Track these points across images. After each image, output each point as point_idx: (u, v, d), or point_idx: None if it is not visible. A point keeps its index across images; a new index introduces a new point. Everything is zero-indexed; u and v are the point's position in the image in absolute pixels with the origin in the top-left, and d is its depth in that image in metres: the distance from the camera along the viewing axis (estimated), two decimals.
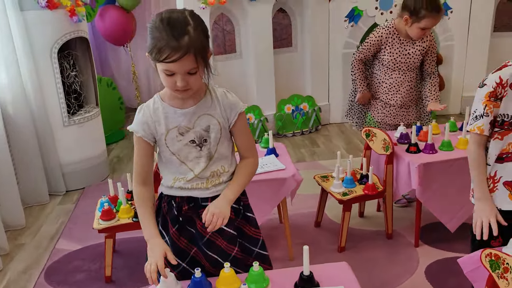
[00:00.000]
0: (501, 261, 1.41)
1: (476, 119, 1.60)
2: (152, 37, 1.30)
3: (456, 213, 2.46)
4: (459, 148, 2.44)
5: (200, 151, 1.45)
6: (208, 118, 1.44)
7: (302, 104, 4.43)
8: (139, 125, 1.44)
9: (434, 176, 2.35)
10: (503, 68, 1.58)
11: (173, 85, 1.33)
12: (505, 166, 1.62)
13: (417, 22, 2.50)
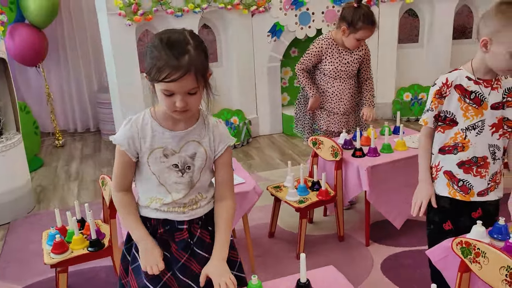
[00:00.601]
0: (472, 247, 1.55)
1: (424, 113, 1.82)
2: (151, 56, 1.26)
3: (400, 210, 2.64)
4: (398, 150, 2.64)
5: (181, 177, 1.41)
6: (196, 145, 1.41)
7: (232, 118, 4.47)
8: (124, 138, 1.38)
9: (381, 177, 2.52)
10: (453, 71, 1.77)
11: (172, 105, 1.29)
12: (446, 157, 1.82)
13: (354, 33, 2.68)
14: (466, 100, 1.74)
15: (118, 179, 1.43)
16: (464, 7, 4.90)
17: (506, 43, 1.57)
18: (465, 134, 1.78)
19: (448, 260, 1.74)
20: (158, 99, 1.32)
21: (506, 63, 1.61)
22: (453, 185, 1.84)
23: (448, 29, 4.78)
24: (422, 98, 4.89)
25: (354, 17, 2.65)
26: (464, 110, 1.76)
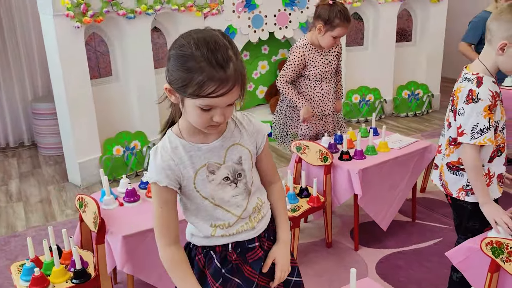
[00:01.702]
0: (504, 247, 1.55)
1: (482, 132, 1.68)
2: (185, 68, 1.06)
3: (387, 212, 2.64)
4: (381, 151, 2.64)
5: (236, 188, 1.25)
6: (238, 149, 1.25)
7: None
8: (161, 172, 1.17)
9: (370, 180, 2.49)
10: (481, 81, 1.70)
11: (207, 121, 1.12)
12: (495, 162, 1.80)
13: (331, 30, 2.63)
14: (501, 104, 1.76)
15: (165, 229, 1.21)
16: (404, 11, 5.11)
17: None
18: (503, 134, 1.80)
19: (470, 261, 1.73)
20: (187, 115, 1.14)
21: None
22: (500, 184, 1.85)
23: (391, 33, 4.95)
24: (369, 99, 5.01)
25: (331, 15, 2.61)
26: (502, 113, 1.77)
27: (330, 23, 2.61)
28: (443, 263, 2.45)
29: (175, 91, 1.11)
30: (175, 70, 1.08)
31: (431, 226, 2.85)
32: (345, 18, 2.61)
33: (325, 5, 2.63)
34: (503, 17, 1.65)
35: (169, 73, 1.11)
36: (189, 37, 1.09)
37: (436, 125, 4.83)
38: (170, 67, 1.10)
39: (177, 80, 1.08)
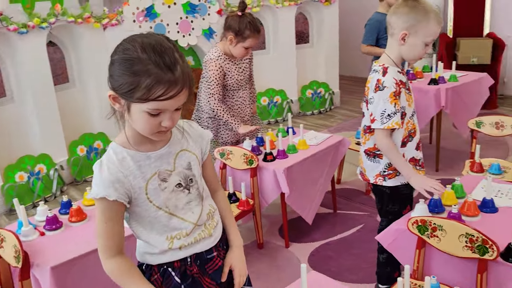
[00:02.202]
0: (428, 223, 1.69)
1: (389, 117, 1.82)
2: (131, 71, 1.02)
3: (311, 206, 2.75)
4: (301, 149, 2.74)
5: (189, 194, 1.23)
6: (186, 155, 1.24)
7: (96, 142, 4.05)
8: (109, 186, 1.11)
9: (294, 177, 2.57)
10: (387, 70, 1.86)
11: (156, 126, 1.09)
12: (407, 147, 1.95)
13: (242, 41, 2.67)
14: (407, 92, 1.91)
15: (110, 241, 1.14)
16: (300, 15, 5.35)
17: (421, 34, 1.78)
18: (413, 120, 1.95)
19: (398, 242, 1.87)
20: (134, 122, 1.10)
21: (420, 52, 1.83)
22: (416, 167, 1.99)
23: (290, 35, 5.16)
24: (277, 101, 5.17)
25: (241, 26, 2.64)
26: (408, 100, 1.91)
27: (241, 35, 2.64)
28: (369, 248, 2.61)
29: (121, 97, 1.07)
30: (121, 75, 1.04)
31: (352, 214, 3.03)
32: (255, 29, 2.66)
33: (235, 17, 2.66)
34: (400, 10, 1.81)
35: (113, 79, 1.06)
36: (133, 41, 1.06)
37: (340, 120, 5.12)
38: (114, 72, 1.06)
39: (123, 85, 1.04)
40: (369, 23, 3.66)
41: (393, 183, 1.96)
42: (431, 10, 1.76)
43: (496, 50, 4.94)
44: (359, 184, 3.43)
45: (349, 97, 5.90)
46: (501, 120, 2.80)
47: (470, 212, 1.83)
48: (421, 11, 1.76)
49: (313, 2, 5.17)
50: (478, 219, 1.81)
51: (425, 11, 1.76)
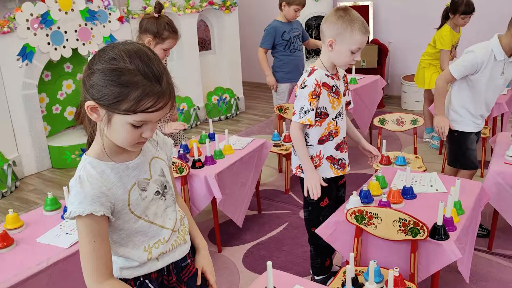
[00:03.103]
0: (365, 213, 1.85)
1: (305, 113, 1.99)
2: (119, 82, 0.99)
3: (240, 209, 2.81)
4: (227, 154, 2.78)
5: (165, 201, 1.22)
6: (158, 162, 1.23)
7: None
8: (94, 201, 1.06)
9: (225, 182, 2.61)
10: (313, 72, 2.01)
11: (137, 138, 1.07)
12: (326, 145, 2.09)
13: (161, 43, 2.63)
14: (331, 94, 2.04)
15: (100, 262, 1.08)
16: (201, 22, 5.39)
17: (347, 42, 1.93)
18: (336, 122, 2.09)
19: (337, 233, 2.01)
20: (113, 133, 1.06)
21: (347, 59, 1.97)
22: (334, 166, 2.13)
23: (193, 42, 5.17)
24: (183, 108, 5.14)
25: (159, 28, 2.61)
26: (332, 102, 2.05)
27: (160, 36, 2.61)
28: (297, 243, 2.75)
29: (103, 108, 1.02)
30: (106, 86, 0.99)
31: (276, 214, 3.15)
32: (173, 30, 2.65)
33: (151, 19, 2.62)
34: (329, 19, 1.96)
35: (96, 89, 1.01)
36: (117, 50, 1.01)
37: (247, 124, 5.26)
38: (97, 82, 1.00)
39: (107, 96, 0.99)
40: (267, 28, 3.86)
41: None
42: (357, 20, 1.92)
43: (381, 54, 5.48)
44: (278, 184, 3.57)
45: (253, 102, 6.08)
46: (401, 117, 3.14)
47: (395, 200, 2.04)
48: (347, 21, 1.91)
49: (214, 9, 5.25)
50: (402, 206, 2.03)
51: (351, 20, 1.91)
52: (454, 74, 2.55)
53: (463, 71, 2.52)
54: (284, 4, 3.77)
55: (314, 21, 5.91)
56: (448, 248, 1.75)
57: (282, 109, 3.64)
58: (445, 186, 2.20)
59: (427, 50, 4.09)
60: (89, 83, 1.02)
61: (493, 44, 2.48)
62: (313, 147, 2.09)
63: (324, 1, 5.84)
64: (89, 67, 1.03)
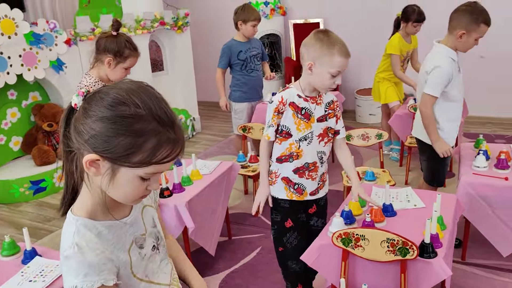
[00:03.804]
0: (351, 235, 1.80)
1: (267, 128, 2.01)
2: (131, 131, 0.85)
3: (212, 237, 2.68)
4: (195, 180, 2.66)
5: (160, 254, 1.09)
6: (149, 211, 1.10)
7: None
8: (102, 269, 0.91)
9: (195, 209, 2.48)
10: (285, 90, 1.99)
11: (142, 191, 0.93)
12: (283, 165, 2.05)
13: (123, 62, 2.49)
14: (298, 116, 1.98)
15: None
16: (152, 42, 5.25)
17: (326, 65, 1.88)
18: (299, 145, 2.02)
19: (322, 257, 1.94)
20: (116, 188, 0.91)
21: (327, 82, 1.91)
22: (289, 188, 2.08)
23: (146, 63, 5.01)
24: None
25: (120, 46, 2.47)
26: (297, 124, 1.99)
27: (121, 55, 2.47)
28: (273, 269, 2.65)
29: (109, 161, 0.87)
30: (115, 136, 0.85)
31: (247, 238, 3.04)
32: (134, 47, 2.52)
33: (109, 37, 2.47)
34: (308, 42, 1.91)
35: (100, 140, 0.86)
36: (123, 92, 0.87)
37: (205, 145, 5.14)
38: (101, 132, 0.86)
39: (117, 148, 0.85)
40: (223, 48, 3.80)
41: (273, 193, 2.11)
42: (337, 43, 1.87)
43: None
44: (245, 207, 3.48)
45: (210, 122, 5.97)
46: (366, 132, 3.15)
47: (377, 219, 2.00)
48: (326, 43, 1.86)
49: (166, 30, 5.13)
50: (385, 224, 2.00)
51: (330, 43, 1.86)
52: (435, 93, 2.52)
53: (441, 87, 2.51)
54: (240, 22, 3.72)
55: (267, 39, 5.93)
56: (438, 266, 1.73)
57: (245, 129, 3.57)
58: (422, 201, 2.20)
59: (381, 62, 4.18)
60: (88, 132, 0.87)
61: (444, 50, 2.54)
62: (273, 163, 2.09)
63: (276, 19, 5.88)
64: (85, 113, 0.88)
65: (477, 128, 4.98)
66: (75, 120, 0.90)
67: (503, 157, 2.50)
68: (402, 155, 4.12)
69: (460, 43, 2.50)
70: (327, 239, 1.91)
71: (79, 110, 0.90)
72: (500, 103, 5.27)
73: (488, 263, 2.57)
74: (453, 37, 2.51)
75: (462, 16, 2.46)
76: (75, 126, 0.89)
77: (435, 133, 2.58)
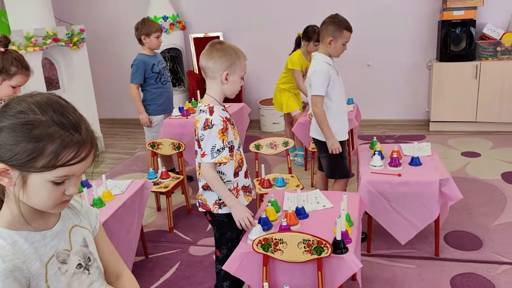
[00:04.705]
0: (270, 240, 1.89)
1: (219, 152, 1.96)
2: (31, 137, 0.88)
3: (127, 259, 2.62)
4: (107, 201, 2.58)
5: (90, 275, 1.07)
6: (80, 230, 1.09)
7: None
8: (9, 276, 0.90)
9: (111, 232, 2.40)
10: (213, 109, 1.99)
11: (60, 196, 0.95)
12: (239, 176, 2.10)
13: (9, 79, 2.37)
14: (232, 127, 2.06)
15: None
16: (45, 60, 4.97)
17: (238, 71, 2.00)
18: (240, 151, 2.11)
19: (244, 265, 2.01)
20: (31, 196, 0.93)
21: (238, 87, 2.05)
22: (246, 194, 2.16)
23: (39, 82, 4.72)
24: None
25: (5, 63, 2.35)
26: (234, 134, 2.07)
27: (7, 72, 2.36)
28: (194, 282, 2.66)
29: (16, 169, 0.89)
30: (15, 143, 0.88)
31: (164, 255, 3.01)
32: (22, 65, 2.41)
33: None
34: (214, 55, 1.97)
35: (4, 149, 0.89)
36: (24, 102, 0.89)
37: (111, 164, 4.96)
38: (4, 141, 0.89)
39: (19, 155, 0.88)
40: (135, 63, 3.75)
41: (227, 210, 2.09)
42: (237, 48, 2.01)
43: None
44: (159, 224, 3.43)
45: (112, 140, 5.77)
46: (274, 140, 3.30)
47: (291, 222, 2.12)
48: (232, 52, 1.97)
49: (60, 46, 4.89)
50: (299, 226, 2.12)
51: (234, 51, 1.98)
52: (321, 92, 2.80)
53: (324, 87, 2.82)
54: (144, 36, 3.70)
55: (168, 53, 5.91)
56: (349, 260, 1.88)
57: (154, 145, 3.53)
58: (330, 201, 2.37)
59: (282, 74, 4.40)
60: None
61: (320, 56, 2.90)
62: (230, 182, 2.07)
63: (176, 33, 5.89)
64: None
65: (370, 130, 5.44)
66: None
67: (395, 156, 2.78)
68: (306, 159, 4.36)
69: (331, 49, 2.86)
70: (247, 246, 1.98)
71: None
72: (387, 107, 5.81)
73: (390, 253, 2.84)
74: (324, 45, 2.87)
75: (328, 26, 2.83)
76: None
77: (329, 131, 2.87)
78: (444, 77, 5.05)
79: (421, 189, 2.61)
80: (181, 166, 3.54)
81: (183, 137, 3.62)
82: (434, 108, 5.17)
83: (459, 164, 4.18)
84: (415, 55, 5.55)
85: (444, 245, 2.87)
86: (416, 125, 5.57)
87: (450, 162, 4.20)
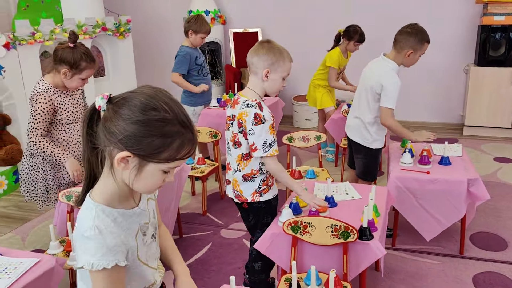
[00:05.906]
0: (300, 223, 2.02)
1: (270, 146, 2.09)
2: (162, 133, 1.00)
3: None
4: None
5: (155, 241, 1.23)
6: (151, 203, 1.24)
7: None
8: (117, 251, 1.05)
9: None
10: (262, 105, 2.11)
11: (160, 182, 1.08)
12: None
13: (79, 73, 2.55)
14: None
15: None
16: (93, 48, 5.23)
17: (280, 70, 2.11)
18: None
19: (274, 245, 2.15)
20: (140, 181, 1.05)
21: (279, 86, 2.16)
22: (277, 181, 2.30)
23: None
24: None
25: (76, 58, 2.55)
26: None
27: (77, 67, 2.54)
28: (224, 262, 2.82)
29: (140, 157, 1.01)
30: (148, 136, 0.99)
31: (197, 235, 3.18)
32: (91, 59, 2.59)
33: (66, 48, 2.53)
34: (260, 52, 2.10)
35: (133, 140, 0.99)
36: (152, 98, 1.01)
37: None
38: (134, 133, 0.99)
39: (147, 146, 1.00)
40: (181, 54, 3.92)
41: (267, 197, 2.23)
42: (284, 49, 2.11)
43: None
44: (194, 207, 3.61)
45: None
46: (306, 134, 3.42)
47: (321, 209, 2.24)
48: (277, 51, 2.08)
49: (107, 36, 5.15)
50: (328, 213, 2.24)
51: (280, 51, 2.09)
52: (393, 106, 2.83)
53: (396, 100, 2.84)
54: (191, 32, 3.88)
55: (207, 47, 6.10)
56: (374, 246, 1.99)
57: None
58: (359, 193, 2.47)
59: (318, 71, 4.49)
60: (121, 133, 1.00)
61: (393, 67, 2.86)
62: (264, 174, 2.20)
63: (216, 27, 6.07)
64: (117, 116, 1.00)
65: None
66: (105, 121, 1.02)
67: (425, 154, 2.86)
68: (337, 156, 4.45)
69: (408, 60, 2.85)
70: (277, 228, 2.11)
71: (109, 112, 1.02)
72: (420, 109, 5.82)
73: (415, 248, 2.92)
74: (401, 55, 2.83)
75: (410, 37, 2.79)
76: (106, 127, 1.01)
77: (408, 132, 2.90)
78: (481, 81, 5.03)
79: (449, 187, 2.68)
80: (216, 154, 3.71)
81: (219, 127, 3.78)
82: (469, 112, 5.16)
83: (490, 169, 4.19)
84: (452, 58, 5.54)
85: (469, 244, 2.93)
86: (448, 129, 5.56)
87: (481, 166, 4.21)
